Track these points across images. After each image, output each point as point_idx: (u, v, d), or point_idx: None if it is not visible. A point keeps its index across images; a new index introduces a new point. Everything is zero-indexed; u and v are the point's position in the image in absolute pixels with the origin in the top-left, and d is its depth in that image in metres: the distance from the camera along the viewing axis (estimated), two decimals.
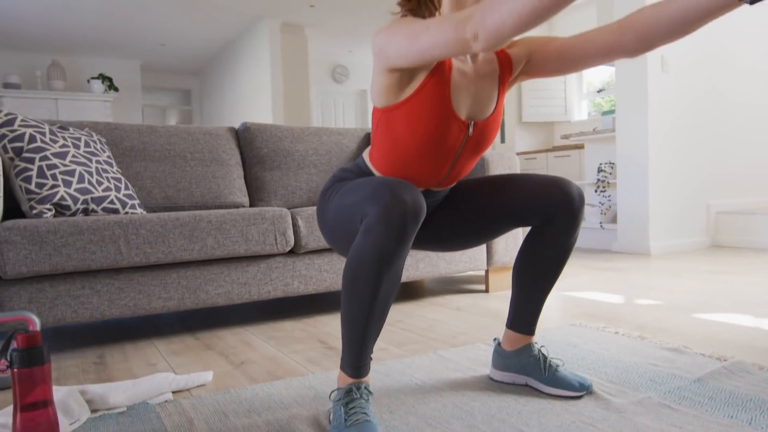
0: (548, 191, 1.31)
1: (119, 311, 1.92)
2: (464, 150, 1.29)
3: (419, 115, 1.20)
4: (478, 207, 1.38)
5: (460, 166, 1.33)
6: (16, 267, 1.73)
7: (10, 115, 1.99)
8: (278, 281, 2.20)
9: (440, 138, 1.23)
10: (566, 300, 2.53)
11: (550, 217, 1.32)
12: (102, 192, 2.03)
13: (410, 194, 1.08)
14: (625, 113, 4.13)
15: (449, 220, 1.41)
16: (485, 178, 1.43)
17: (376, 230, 1.06)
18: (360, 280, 1.10)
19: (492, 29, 0.94)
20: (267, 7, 6.57)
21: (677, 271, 3.22)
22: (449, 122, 1.22)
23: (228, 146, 2.65)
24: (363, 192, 1.14)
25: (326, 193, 1.35)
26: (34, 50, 7.90)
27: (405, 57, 1.09)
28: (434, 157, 1.26)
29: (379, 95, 1.22)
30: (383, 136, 1.27)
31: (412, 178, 1.31)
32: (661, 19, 1.06)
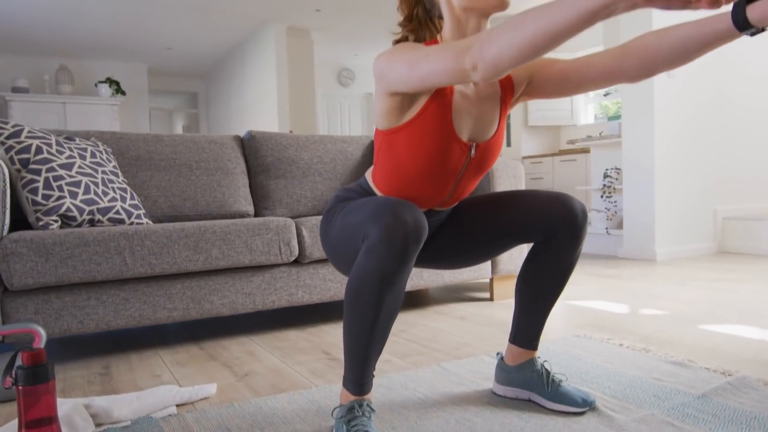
0: (551, 208, 1.31)
1: (125, 322, 1.93)
2: (466, 171, 1.30)
3: (421, 137, 1.20)
4: (480, 224, 1.38)
5: (463, 187, 1.34)
6: (22, 279, 1.74)
7: (17, 126, 2.01)
8: (282, 291, 2.20)
9: (442, 160, 1.24)
10: (571, 309, 2.53)
11: (553, 234, 1.32)
12: (108, 202, 2.05)
13: (412, 215, 1.08)
14: (631, 118, 4.12)
15: (452, 239, 1.41)
16: (488, 195, 1.43)
17: (378, 250, 1.06)
18: (362, 299, 1.10)
19: (490, 61, 0.95)
20: (273, 12, 6.59)
21: (683, 278, 3.21)
22: (451, 145, 1.23)
23: (233, 155, 2.66)
24: (365, 212, 1.15)
25: (329, 213, 1.36)
26: (42, 54, 7.95)
27: (405, 83, 1.10)
28: (437, 179, 1.27)
29: (381, 118, 1.23)
30: (386, 158, 1.28)
31: (414, 199, 1.31)
32: (662, 46, 1.06)
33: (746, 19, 0.89)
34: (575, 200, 1.32)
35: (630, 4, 0.79)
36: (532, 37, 0.89)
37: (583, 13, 0.82)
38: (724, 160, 4.38)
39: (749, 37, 0.88)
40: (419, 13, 1.30)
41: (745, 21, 0.89)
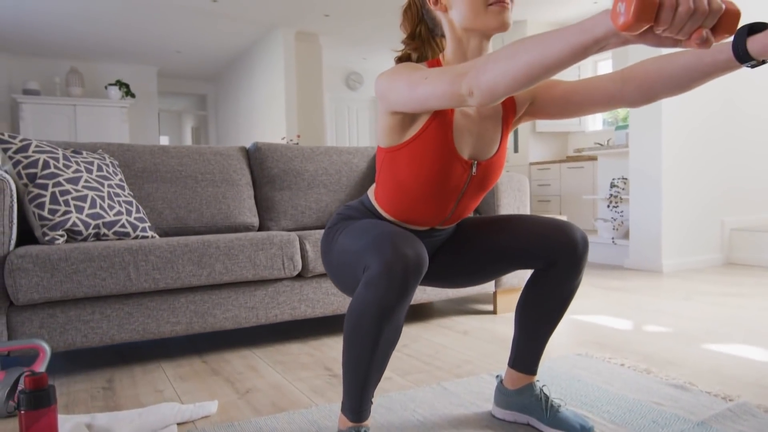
0: (552, 235, 1.31)
1: (128, 335, 1.95)
2: (468, 190, 1.30)
3: (422, 155, 1.21)
4: (481, 247, 1.38)
5: (464, 206, 1.34)
6: (28, 294, 1.76)
7: (24, 141, 2.03)
8: (285, 305, 2.22)
9: (443, 178, 1.24)
10: (574, 325, 2.52)
11: (553, 262, 1.32)
12: (113, 216, 2.06)
13: (412, 248, 1.08)
14: (638, 128, 4.10)
15: (453, 260, 1.41)
16: (490, 218, 1.44)
17: (378, 284, 1.07)
18: (361, 331, 1.11)
19: (485, 88, 0.96)
20: (282, 17, 6.61)
21: (688, 292, 3.19)
22: (452, 163, 1.23)
23: (239, 166, 2.68)
24: (365, 240, 1.15)
25: (330, 231, 1.36)
26: (53, 57, 8.02)
27: (405, 105, 1.12)
28: (438, 197, 1.27)
29: (383, 136, 1.24)
30: (387, 176, 1.28)
31: (415, 217, 1.32)
32: (663, 74, 1.06)
33: (747, 52, 0.89)
34: (576, 229, 1.32)
35: (621, 40, 0.80)
36: (526, 68, 0.89)
37: (576, 47, 0.83)
38: (732, 170, 4.35)
39: (749, 69, 0.88)
40: (422, 31, 1.31)
41: (746, 53, 0.90)
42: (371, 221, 1.25)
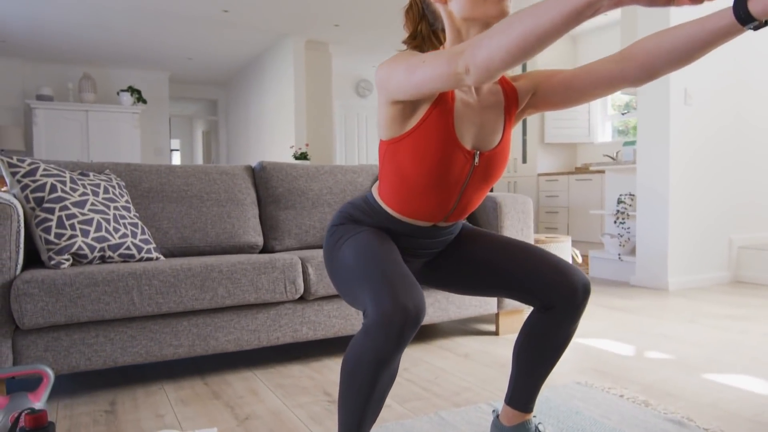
0: (553, 279, 1.30)
1: (131, 358, 1.98)
2: (471, 181, 1.29)
3: (424, 145, 1.21)
4: (484, 268, 1.37)
5: (468, 198, 1.32)
6: (33, 318, 1.79)
7: (33, 164, 2.06)
8: (287, 327, 2.24)
9: (446, 169, 1.23)
10: (576, 349, 2.52)
11: (550, 305, 1.32)
12: (119, 239, 2.09)
13: (412, 299, 1.07)
14: (646, 146, 4.08)
15: (455, 269, 1.41)
16: (502, 239, 1.41)
17: (375, 334, 1.07)
18: (357, 378, 1.12)
19: (482, 64, 0.97)
20: (292, 26, 6.65)
21: (693, 314, 3.18)
22: (454, 152, 1.22)
23: (244, 185, 2.70)
24: (367, 275, 1.14)
25: (334, 235, 1.35)
26: (67, 62, 8.11)
27: (404, 91, 1.13)
28: (441, 189, 1.26)
29: (384, 128, 1.24)
30: (390, 170, 1.28)
31: (419, 210, 1.30)
32: (662, 47, 1.06)
33: (748, 13, 0.89)
34: (578, 275, 1.31)
35: (613, 2, 0.80)
36: (520, 39, 0.90)
37: (568, 12, 0.83)
38: (740, 186, 4.32)
39: (753, 31, 0.89)
40: (423, 29, 1.32)
41: (748, 15, 0.89)
42: (374, 238, 1.25)
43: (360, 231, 1.31)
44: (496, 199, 2.70)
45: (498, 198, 2.71)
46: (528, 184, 6.81)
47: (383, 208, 1.34)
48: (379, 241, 1.25)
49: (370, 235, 1.28)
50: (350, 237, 1.30)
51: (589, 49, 6.86)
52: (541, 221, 6.64)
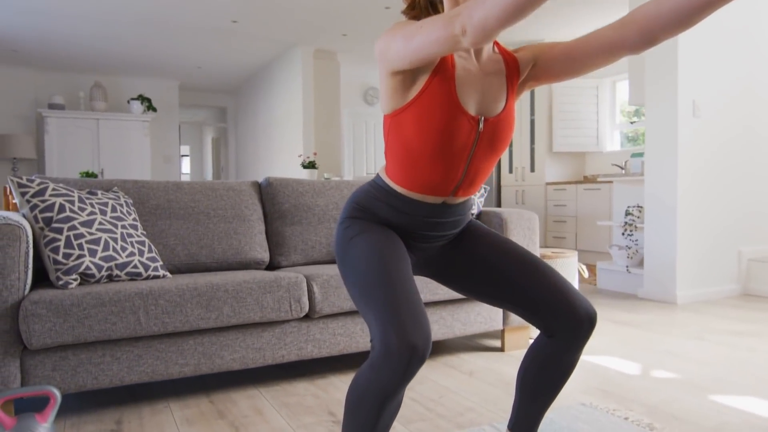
0: (558, 307, 1.28)
1: (138, 377, 2.00)
2: (478, 149, 1.27)
3: (428, 113, 1.21)
4: (495, 280, 1.35)
5: (476, 169, 1.31)
6: (41, 339, 1.81)
7: (42, 184, 2.09)
8: (292, 345, 2.25)
9: (451, 135, 1.22)
10: (582, 367, 2.51)
11: (552, 332, 1.32)
12: (126, 258, 2.12)
13: (420, 335, 1.07)
14: (654, 158, 4.07)
15: (467, 272, 1.39)
16: (513, 250, 1.38)
17: (381, 369, 1.07)
18: (362, 411, 1.13)
19: (478, 24, 0.99)
20: (300, 36, 6.69)
21: (701, 330, 3.16)
22: (458, 118, 1.22)
23: (250, 201, 2.72)
24: (374, 296, 1.14)
25: (345, 229, 1.33)
26: (78, 71, 8.20)
27: (403, 58, 1.14)
28: (447, 157, 1.25)
29: (386, 100, 1.25)
30: (395, 143, 1.27)
31: (427, 182, 1.28)
32: (662, 12, 1.07)
33: None
34: (584, 308, 1.28)
35: None
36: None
37: None
38: (749, 197, 4.29)
39: None
40: (421, 0, 1.33)
41: None
42: (383, 241, 1.24)
43: (370, 231, 1.29)
44: (502, 215, 2.70)
45: (504, 214, 2.71)
46: (536, 193, 6.80)
47: (392, 187, 1.32)
48: (388, 247, 1.24)
49: (380, 237, 1.26)
50: (360, 237, 1.27)
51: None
52: (548, 230, 6.62)
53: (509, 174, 7.22)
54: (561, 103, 6.64)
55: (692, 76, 3.96)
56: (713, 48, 4.05)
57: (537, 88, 6.76)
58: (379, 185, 1.34)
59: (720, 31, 4.09)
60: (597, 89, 6.68)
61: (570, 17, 6.08)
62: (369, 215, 1.34)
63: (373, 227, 1.31)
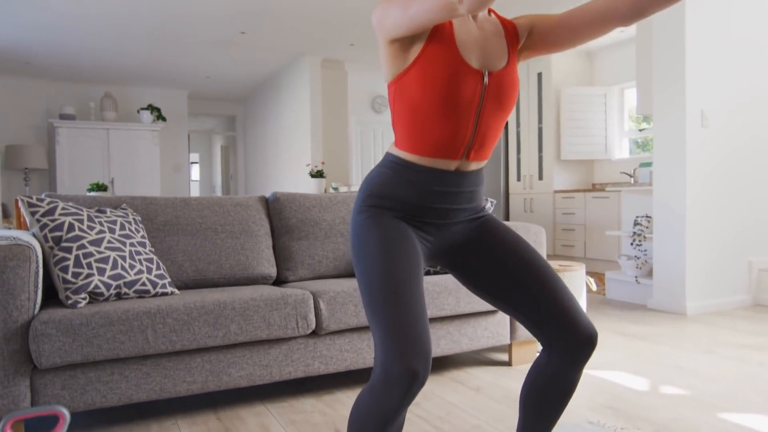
0: (561, 323, 1.28)
1: (146, 395, 2.01)
2: (485, 103, 1.26)
3: (431, 70, 1.21)
4: (506, 286, 1.34)
5: (485, 126, 1.29)
6: (50, 358, 1.83)
7: (52, 203, 2.12)
8: (299, 362, 2.25)
9: (456, 89, 1.22)
10: (589, 383, 2.50)
11: (551, 347, 1.31)
12: (134, 275, 2.13)
13: (420, 360, 1.08)
14: (662, 168, 4.05)
15: (478, 272, 1.37)
16: (527, 257, 1.35)
17: (381, 392, 1.10)
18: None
19: None
20: (308, 46, 6.72)
21: (711, 344, 3.13)
22: (461, 71, 1.22)
23: (258, 217, 2.73)
24: (379, 311, 1.14)
25: (359, 226, 1.30)
26: (89, 82, 8.28)
27: (400, 26, 1.16)
28: (455, 112, 1.23)
29: (388, 67, 1.26)
30: (401, 108, 1.27)
31: (437, 143, 1.26)
32: None
33: None
34: (586, 327, 1.28)
35: None
36: None
37: None
38: (759, 206, 4.26)
39: None
40: None
41: None
42: (396, 241, 1.22)
43: (382, 229, 1.26)
44: None
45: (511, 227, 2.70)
46: (544, 201, 6.78)
47: (403, 158, 1.29)
48: (398, 250, 1.22)
49: (392, 238, 1.24)
50: (372, 236, 1.25)
51: (605, 64, 6.83)
52: (557, 239, 6.59)
53: (517, 182, 7.21)
54: (569, 110, 6.62)
55: (700, 86, 3.94)
56: (721, 57, 4.03)
57: (544, 96, 6.76)
58: (390, 161, 1.32)
59: (727, 41, 4.07)
60: (605, 97, 6.66)
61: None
62: (383, 201, 1.30)
63: (386, 224, 1.27)
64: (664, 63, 4.03)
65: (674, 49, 3.95)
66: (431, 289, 2.47)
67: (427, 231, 1.34)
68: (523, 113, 7.13)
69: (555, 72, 6.71)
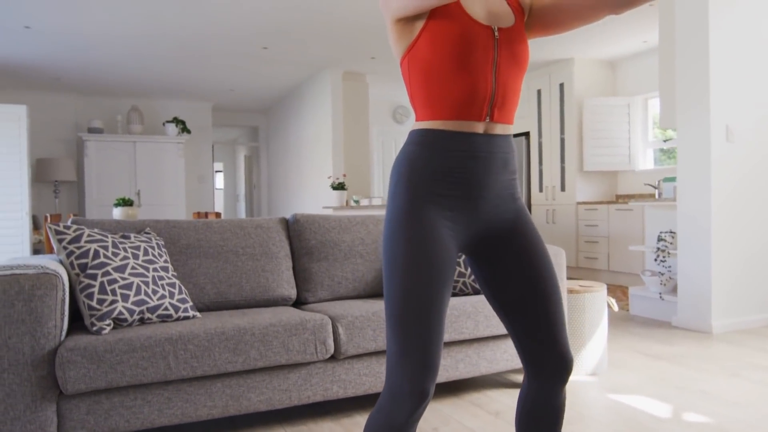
0: (540, 345, 1.29)
1: (168, 419, 2.05)
2: (500, 58, 1.26)
3: (440, 33, 1.23)
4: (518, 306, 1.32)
5: (504, 82, 1.27)
6: (76, 384, 1.88)
7: (78, 230, 2.18)
8: (318, 386, 2.27)
9: (468, 44, 1.22)
10: (611, 407, 2.47)
11: (527, 371, 1.33)
12: (157, 301, 2.18)
13: (429, 382, 1.16)
14: (686, 183, 3.99)
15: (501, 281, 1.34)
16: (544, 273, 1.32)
17: (390, 408, 1.18)
18: None
19: None
20: (330, 60, 6.79)
21: (737, 366, 3.07)
22: (471, 28, 1.23)
23: (278, 238, 2.77)
24: (398, 333, 1.18)
25: (393, 211, 1.27)
26: (116, 96, 8.46)
27: (405, 7, 1.20)
28: (471, 67, 1.23)
29: (398, 42, 1.29)
30: (416, 76, 1.27)
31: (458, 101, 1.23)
32: None
33: None
34: (559, 356, 1.29)
35: None
36: None
37: None
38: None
39: None
40: None
41: None
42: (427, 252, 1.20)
43: (415, 230, 1.22)
44: None
45: None
46: (566, 213, 6.72)
47: (426, 128, 1.26)
48: (429, 261, 1.20)
49: (424, 247, 1.21)
50: (404, 236, 1.22)
51: (628, 74, 6.75)
52: (580, 251, 6.53)
53: (539, 193, 7.16)
54: (591, 121, 6.56)
55: (725, 101, 3.88)
56: (745, 71, 3.97)
57: (567, 106, 6.71)
58: (413, 140, 1.28)
59: (752, 55, 4.00)
60: (629, 107, 6.58)
61: None
62: (416, 181, 1.24)
63: (420, 226, 1.22)
64: (688, 77, 3.98)
65: (698, 63, 3.90)
66: (449, 313, 2.48)
67: (461, 216, 1.27)
68: (545, 124, 7.09)
69: (577, 82, 6.66)
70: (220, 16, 5.19)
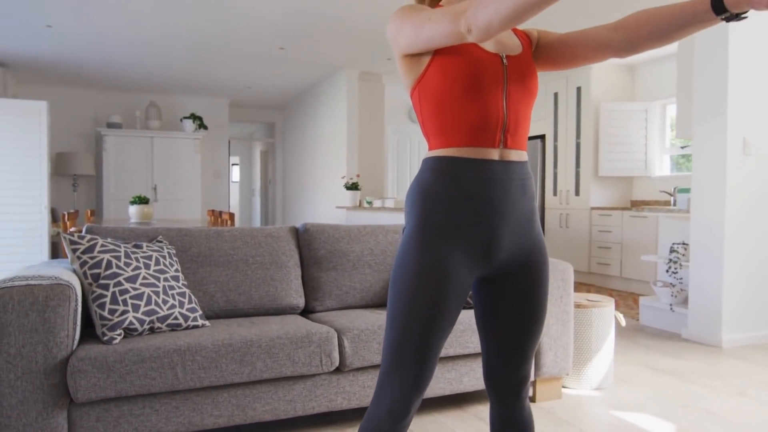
0: (504, 370, 1.35)
1: (174, 428, 2.10)
2: (510, 83, 1.27)
3: (450, 63, 1.24)
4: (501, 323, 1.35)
5: (515, 108, 1.27)
6: (86, 393, 1.93)
7: (92, 240, 2.23)
8: (323, 398, 2.31)
9: (478, 71, 1.24)
10: (615, 425, 2.48)
11: (486, 387, 1.40)
12: (167, 310, 2.23)
13: (418, 401, 1.24)
14: (701, 195, 3.96)
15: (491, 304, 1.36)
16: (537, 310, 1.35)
17: (377, 419, 1.25)
18: None
19: (482, 25, 1.07)
20: (346, 60, 6.80)
21: (745, 384, 3.06)
22: (479, 55, 1.25)
23: (287, 247, 2.80)
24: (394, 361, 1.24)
25: (406, 241, 1.28)
26: (135, 91, 8.56)
27: (414, 45, 1.23)
28: (482, 94, 1.24)
29: (407, 75, 1.31)
30: (427, 106, 1.28)
31: (470, 127, 1.24)
32: (649, 22, 1.15)
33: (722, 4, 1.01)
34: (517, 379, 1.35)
35: None
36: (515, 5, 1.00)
37: None
38: None
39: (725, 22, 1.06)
40: None
41: (721, 5, 1.02)
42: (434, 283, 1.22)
43: (428, 267, 1.22)
44: None
45: None
46: (580, 217, 6.69)
47: (441, 156, 1.26)
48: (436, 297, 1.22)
49: (435, 283, 1.22)
50: (412, 248, 1.25)
51: (647, 79, 6.68)
52: (592, 256, 6.50)
53: (553, 197, 7.13)
54: (608, 126, 6.51)
55: (743, 113, 3.84)
56: (764, 84, 3.91)
57: (583, 110, 6.66)
58: (427, 167, 1.27)
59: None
60: (646, 112, 6.52)
61: None
62: (432, 211, 1.25)
63: (433, 257, 1.23)
64: (706, 89, 3.94)
65: (717, 76, 3.85)
66: (455, 327, 2.50)
67: (479, 247, 1.26)
68: (560, 127, 7.05)
69: (594, 86, 6.61)
70: (237, 18, 5.23)
